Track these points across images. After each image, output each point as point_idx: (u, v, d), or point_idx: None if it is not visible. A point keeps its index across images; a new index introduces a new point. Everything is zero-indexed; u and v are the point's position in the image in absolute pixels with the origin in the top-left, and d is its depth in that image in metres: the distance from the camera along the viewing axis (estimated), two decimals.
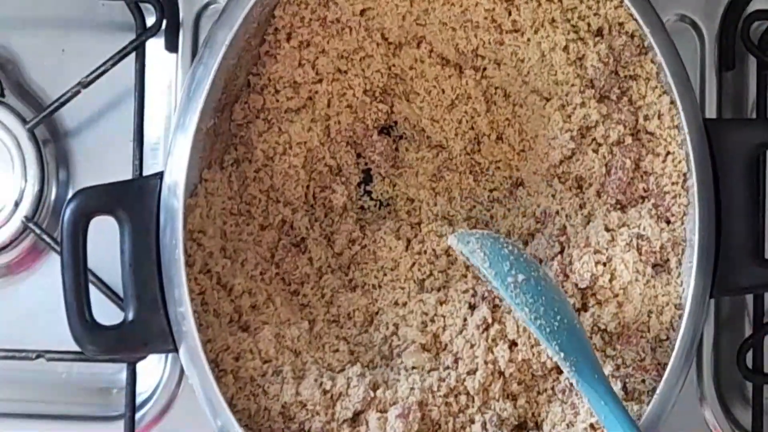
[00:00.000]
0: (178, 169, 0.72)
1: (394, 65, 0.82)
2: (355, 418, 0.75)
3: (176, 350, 0.73)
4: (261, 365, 0.75)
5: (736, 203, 0.76)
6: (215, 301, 0.75)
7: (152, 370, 0.88)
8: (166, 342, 0.73)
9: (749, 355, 0.89)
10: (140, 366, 0.86)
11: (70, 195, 0.87)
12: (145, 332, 0.71)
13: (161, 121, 0.89)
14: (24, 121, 0.86)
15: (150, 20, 0.86)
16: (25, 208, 0.86)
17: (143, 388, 0.88)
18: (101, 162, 0.89)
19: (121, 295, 0.78)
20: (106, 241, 0.77)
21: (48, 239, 0.85)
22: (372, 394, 0.75)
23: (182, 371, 0.87)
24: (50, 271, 0.88)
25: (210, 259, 0.76)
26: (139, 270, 0.72)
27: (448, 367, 0.77)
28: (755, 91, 0.89)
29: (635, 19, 0.77)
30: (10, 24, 0.89)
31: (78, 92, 0.85)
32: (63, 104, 0.85)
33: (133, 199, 0.72)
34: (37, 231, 0.85)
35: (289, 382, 0.74)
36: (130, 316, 0.72)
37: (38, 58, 0.89)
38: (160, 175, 0.73)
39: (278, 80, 0.79)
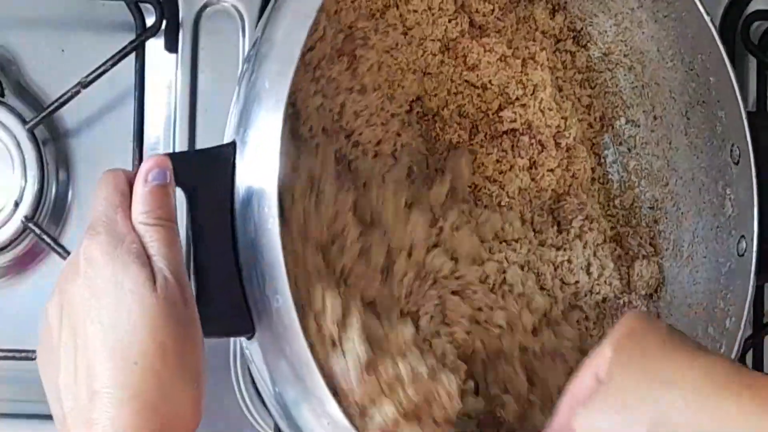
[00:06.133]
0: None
1: None
2: None
3: (253, 332, 0.67)
4: None
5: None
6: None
7: None
8: (245, 323, 0.67)
9: (749, 355, 0.88)
10: None
11: (70, 195, 0.88)
12: (220, 314, 0.66)
13: (161, 121, 0.89)
14: (24, 121, 0.86)
15: (150, 20, 0.86)
16: (25, 208, 0.86)
17: None
18: (101, 162, 0.88)
19: None
20: None
21: (48, 239, 0.84)
22: None
23: None
24: (50, 271, 0.88)
25: None
26: (213, 246, 0.66)
27: None
28: (755, 91, 0.89)
29: None
30: (10, 24, 0.89)
31: (78, 92, 0.85)
32: (63, 104, 0.85)
33: (206, 169, 0.67)
34: (37, 231, 0.85)
35: None
36: (202, 298, 0.66)
37: (38, 58, 0.89)
38: (232, 145, 0.67)
39: None
